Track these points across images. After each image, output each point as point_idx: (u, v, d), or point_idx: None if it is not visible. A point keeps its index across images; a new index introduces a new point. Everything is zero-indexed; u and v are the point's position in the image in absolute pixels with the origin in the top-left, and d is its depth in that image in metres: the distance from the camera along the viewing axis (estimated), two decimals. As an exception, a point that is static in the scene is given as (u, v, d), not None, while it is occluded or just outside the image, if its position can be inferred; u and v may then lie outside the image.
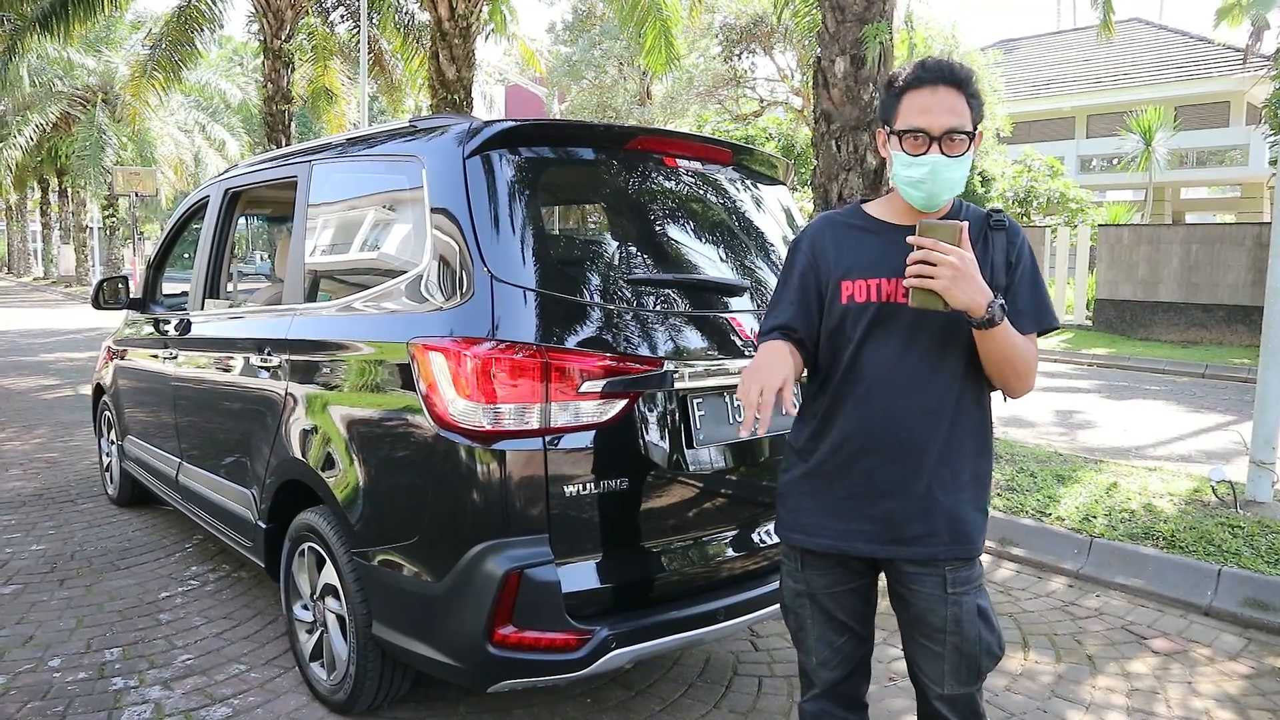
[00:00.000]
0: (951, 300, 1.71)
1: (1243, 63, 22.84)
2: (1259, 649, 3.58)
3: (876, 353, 1.86)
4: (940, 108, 1.78)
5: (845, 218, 1.99)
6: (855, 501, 1.90)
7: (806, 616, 2.03)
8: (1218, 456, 6.88)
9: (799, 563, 2.02)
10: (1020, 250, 1.88)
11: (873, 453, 1.87)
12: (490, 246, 2.44)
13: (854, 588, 2.00)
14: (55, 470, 6.25)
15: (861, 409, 1.88)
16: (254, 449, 3.37)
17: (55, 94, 27.50)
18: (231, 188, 4.07)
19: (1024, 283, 1.88)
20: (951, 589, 1.88)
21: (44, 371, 11.37)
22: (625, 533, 2.51)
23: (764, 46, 19.02)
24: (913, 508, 1.87)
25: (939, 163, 1.78)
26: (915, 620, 1.94)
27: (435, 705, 3.01)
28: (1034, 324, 1.87)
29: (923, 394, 1.85)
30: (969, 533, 1.90)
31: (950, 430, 1.87)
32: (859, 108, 6.25)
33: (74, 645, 3.46)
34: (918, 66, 1.83)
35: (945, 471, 1.87)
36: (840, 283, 1.89)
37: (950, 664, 1.91)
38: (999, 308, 1.72)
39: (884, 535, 1.89)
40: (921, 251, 1.71)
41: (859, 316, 1.87)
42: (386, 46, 17.99)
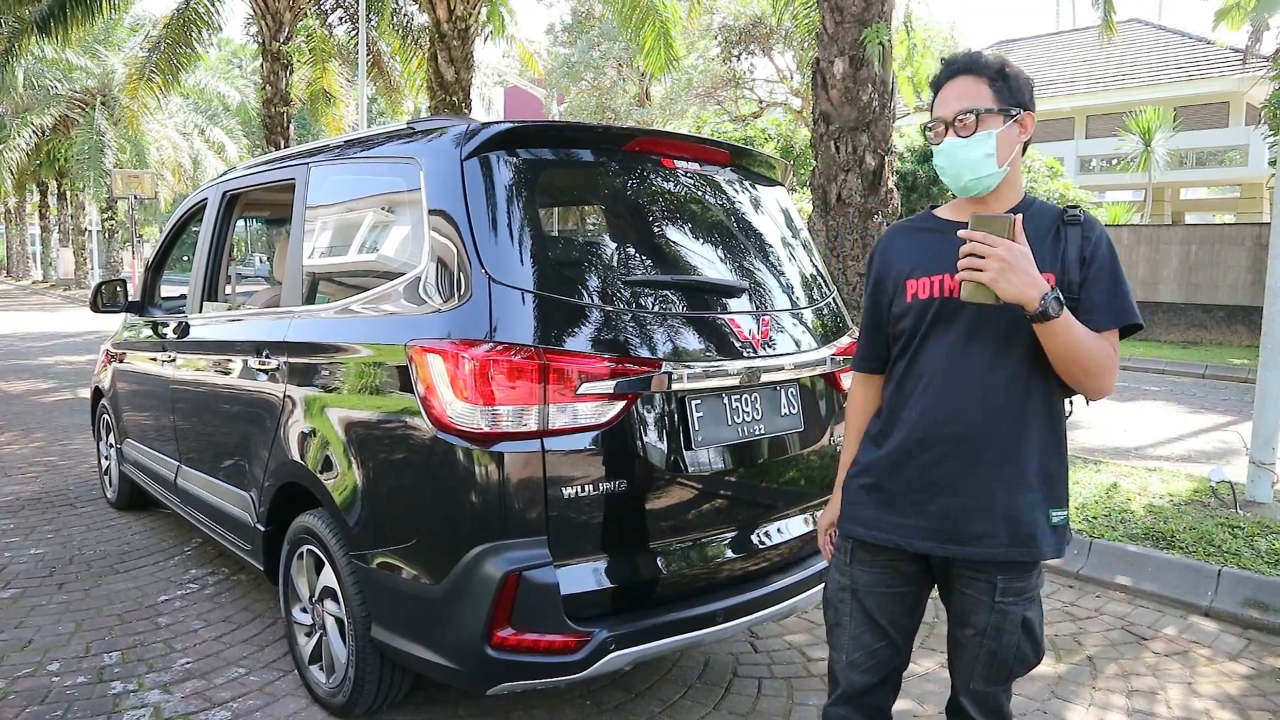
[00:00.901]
0: (1000, 292, 1.70)
1: (1242, 63, 22.83)
2: (1259, 649, 3.57)
3: (938, 348, 1.88)
4: (952, 95, 1.85)
5: (912, 222, 2.05)
6: (913, 496, 1.90)
7: (845, 612, 2.03)
8: (1217, 457, 6.88)
9: (849, 555, 2.03)
10: (1096, 245, 1.84)
11: (932, 448, 1.88)
12: (488, 248, 2.44)
13: (900, 593, 1.99)
14: (54, 474, 6.24)
15: (923, 404, 1.89)
16: (252, 452, 3.36)
17: (54, 97, 27.51)
18: (229, 190, 4.07)
19: (1100, 278, 1.83)
20: (1000, 598, 1.88)
21: (43, 375, 11.36)
22: (624, 534, 2.50)
23: (763, 48, 19.03)
24: (971, 506, 1.85)
25: (953, 144, 1.83)
26: (957, 617, 1.97)
27: (434, 708, 3.01)
28: (1110, 320, 1.82)
29: (984, 390, 1.84)
30: (1030, 535, 1.86)
31: (1014, 428, 1.84)
32: (858, 109, 6.27)
33: (73, 649, 3.46)
34: (942, 64, 1.91)
35: (1008, 470, 1.84)
36: (905, 282, 1.93)
37: (981, 664, 1.94)
38: (1054, 300, 1.70)
39: (940, 533, 1.88)
40: (970, 244, 1.72)
41: (923, 313, 1.89)
42: (385, 48, 18.01)
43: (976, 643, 1.92)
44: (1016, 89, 1.85)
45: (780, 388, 2.87)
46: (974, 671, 1.95)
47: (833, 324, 3.21)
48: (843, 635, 2.04)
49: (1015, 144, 1.85)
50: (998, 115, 1.82)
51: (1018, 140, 1.85)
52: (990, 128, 1.81)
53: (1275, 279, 4.92)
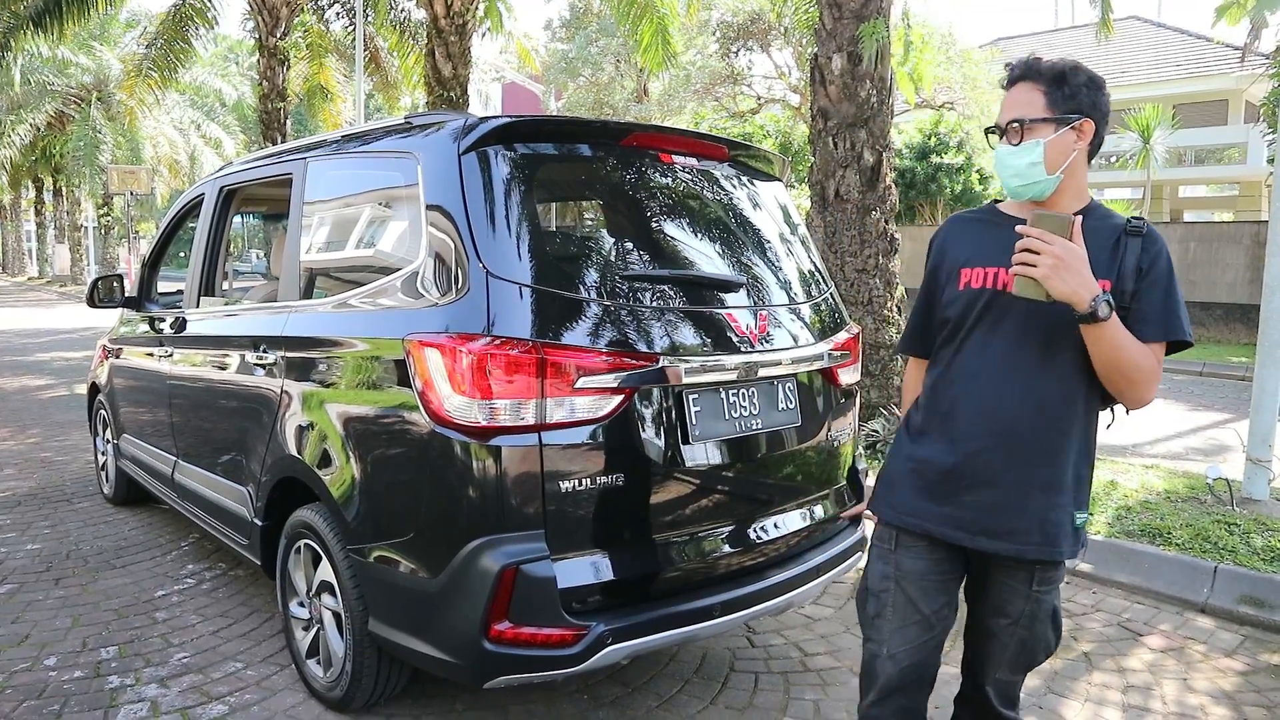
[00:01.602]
0: (1052, 290, 1.73)
1: (1241, 61, 22.82)
2: (1254, 646, 3.58)
3: (986, 342, 1.91)
4: (1009, 103, 1.90)
5: (976, 214, 2.09)
6: (949, 487, 1.93)
7: (888, 603, 2.03)
8: (1214, 454, 6.90)
9: (893, 542, 2.04)
10: (1155, 257, 1.87)
11: (973, 441, 1.90)
12: (486, 242, 2.44)
13: (943, 583, 2.01)
14: (50, 469, 6.23)
15: (967, 395, 1.92)
16: (250, 446, 3.36)
17: (49, 92, 27.42)
18: (226, 185, 4.06)
19: (1155, 290, 1.86)
20: (1036, 587, 1.94)
21: (39, 371, 11.34)
22: (621, 528, 2.50)
23: (761, 44, 19.01)
24: (1006, 501, 1.88)
25: (1003, 152, 1.89)
26: (991, 608, 2.00)
27: (431, 702, 3.01)
28: (1160, 333, 1.85)
29: (1030, 387, 1.86)
30: (1060, 536, 1.90)
31: (1056, 428, 1.87)
32: (856, 104, 6.26)
33: (70, 644, 3.45)
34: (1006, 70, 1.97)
35: (1046, 471, 1.87)
36: (960, 269, 1.96)
37: (1011, 653, 2.00)
38: (1104, 303, 1.73)
39: (974, 525, 1.91)
40: (1026, 240, 1.75)
41: (973, 302, 1.92)
42: (382, 44, 17.97)
43: (1010, 632, 1.97)
44: (1074, 95, 1.86)
45: (778, 383, 2.87)
46: (1003, 661, 2.01)
47: (830, 319, 3.21)
48: (884, 627, 2.04)
49: (1070, 151, 1.86)
50: (1049, 124, 1.85)
51: (1074, 147, 1.86)
52: (1038, 136, 1.85)
53: (1273, 276, 4.92)
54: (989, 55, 19.45)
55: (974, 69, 17.77)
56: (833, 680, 3.23)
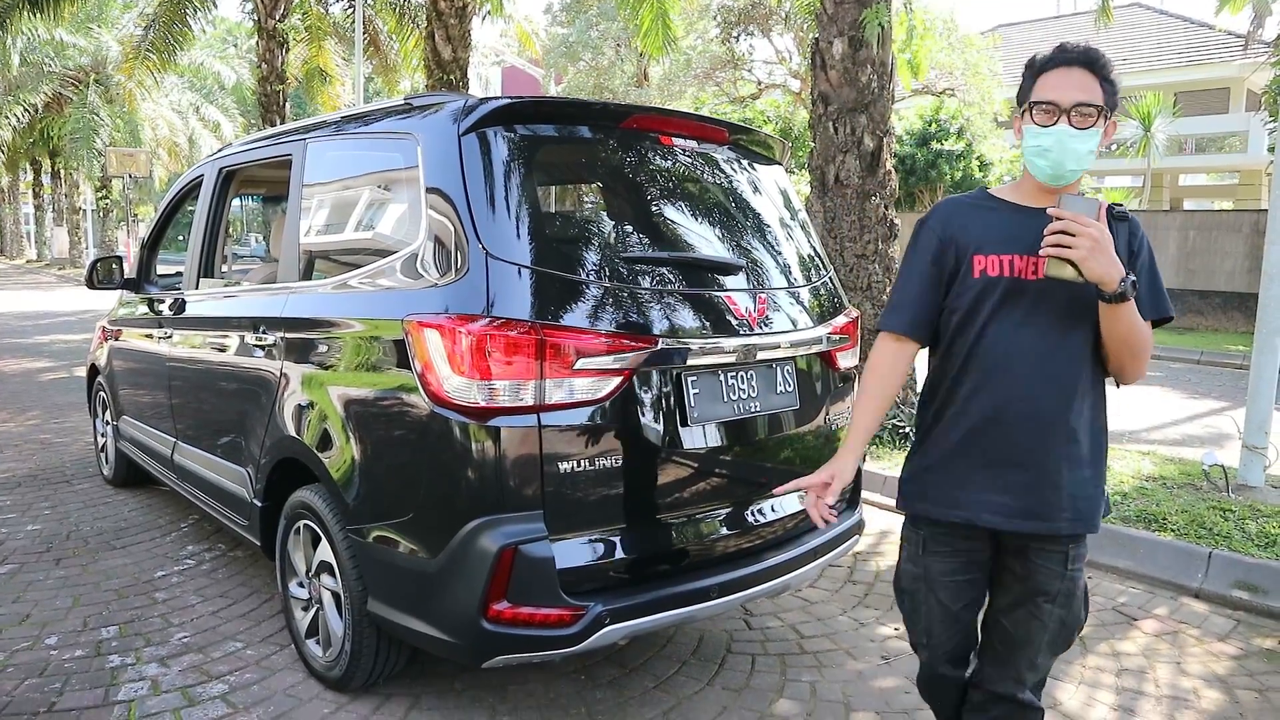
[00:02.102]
0: (1088, 271, 1.78)
1: (1243, 49, 22.73)
2: (1247, 630, 3.61)
3: (1005, 327, 1.94)
4: (1071, 84, 1.88)
5: (971, 199, 2.09)
6: (982, 474, 1.97)
7: (921, 601, 2.12)
8: (1211, 442, 6.91)
9: (920, 547, 2.10)
10: (1141, 241, 1.97)
11: (1001, 426, 1.94)
12: (485, 224, 2.44)
13: (972, 579, 2.07)
14: (50, 451, 6.24)
15: (990, 383, 1.95)
16: (249, 427, 3.37)
17: (47, 74, 27.27)
18: (225, 167, 4.06)
19: (1143, 272, 1.95)
20: (1070, 565, 1.98)
21: (38, 354, 11.34)
22: (620, 509, 2.51)
23: (762, 28, 18.92)
24: (1040, 482, 1.93)
25: (1065, 132, 1.87)
26: (1029, 592, 2.01)
27: (431, 681, 3.03)
28: (1150, 312, 1.95)
29: (1049, 369, 1.92)
30: (1090, 510, 1.97)
31: (1075, 406, 1.93)
32: (856, 90, 6.24)
33: (71, 623, 3.47)
34: (1056, 49, 1.94)
35: (1071, 447, 1.94)
36: (973, 257, 1.96)
37: (1050, 634, 2.03)
38: (1131, 284, 1.80)
39: (1010, 508, 1.95)
40: (1062, 223, 1.79)
41: (990, 291, 1.94)
42: (382, 27, 17.87)
43: (1048, 612, 2.00)
44: (1115, 94, 1.92)
45: (776, 365, 2.88)
46: (1042, 643, 2.03)
47: (829, 303, 3.21)
48: (919, 622, 2.15)
49: (1102, 145, 1.95)
50: (1101, 116, 1.89)
51: (1104, 143, 1.94)
52: (1099, 126, 1.89)
53: (1271, 264, 4.93)
54: (990, 42, 19.36)
55: (975, 55, 17.69)
56: (829, 662, 3.25)
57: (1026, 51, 8.44)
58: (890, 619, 3.62)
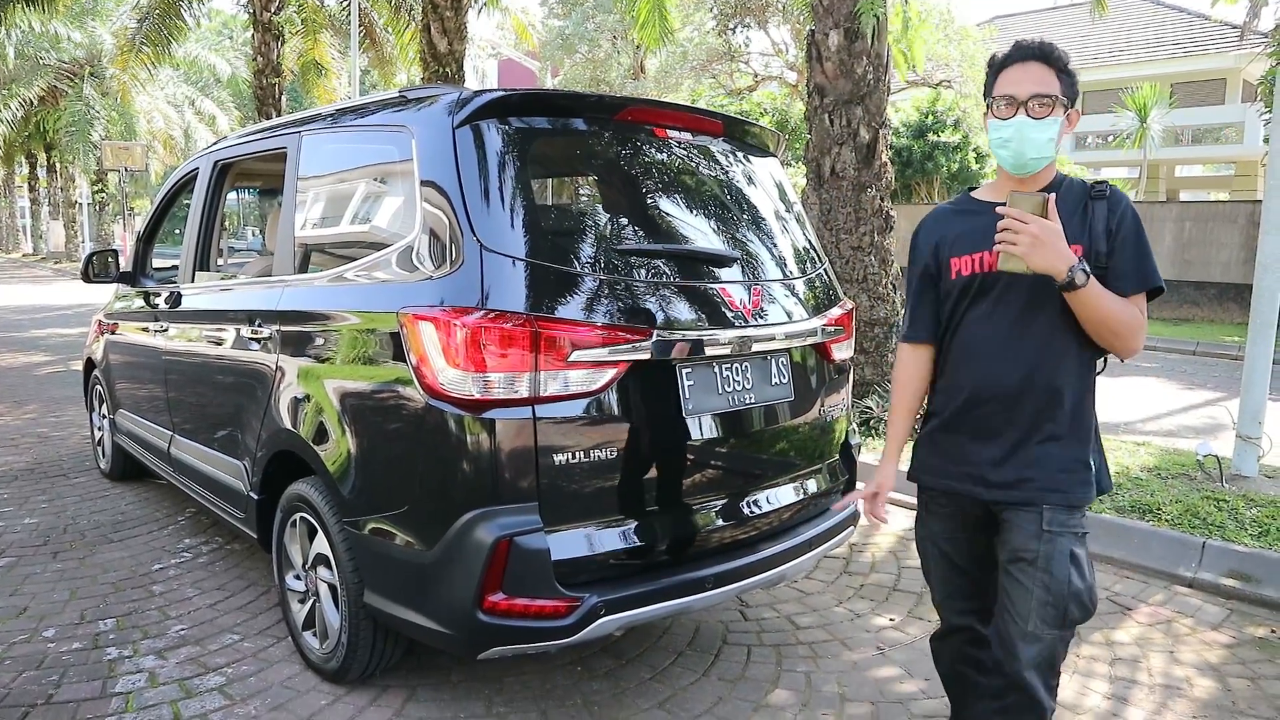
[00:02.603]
0: (1031, 264, 1.91)
1: (1240, 40, 22.72)
2: (1240, 619, 3.63)
3: (978, 316, 2.12)
4: (1028, 78, 2.01)
5: (952, 205, 2.27)
6: (963, 449, 2.17)
7: (932, 557, 2.32)
8: (1206, 432, 6.94)
9: (925, 508, 2.32)
10: (1122, 217, 2.04)
11: (977, 406, 2.13)
12: (480, 216, 2.44)
13: (970, 537, 2.24)
14: (47, 445, 6.24)
15: (968, 367, 2.14)
16: (245, 421, 3.37)
17: (42, 67, 27.17)
18: (221, 160, 4.05)
19: (1126, 246, 2.03)
20: (1046, 527, 2.05)
21: (34, 348, 11.32)
22: (614, 501, 2.52)
23: (758, 20, 18.87)
24: (1010, 455, 2.09)
25: (1024, 123, 2.00)
26: (1010, 555, 2.10)
27: (428, 674, 3.04)
28: (1136, 285, 2.03)
29: (1017, 352, 2.06)
30: (1064, 480, 2.07)
31: (1046, 385, 2.06)
32: (852, 81, 6.23)
33: (68, 616, 3.48)
34: (1014, 46, 2.08)
35: (1044, 423, 2.07)
36: (950, 260, 2.16)
37: (1037, 600, 2.04)
38: (1080, 271, 1.90)
39: (984, 479, 2.13)
40: (1006, 220, 1.93)
41: (966, 287, 2.13)
42: (377, 19, 17.82)
43: (1030, 575, 2.05)
44: (1074, 85, 2.05)
45: (771, 357, 2.89)
46: (1031, 611, 2.05)
47: (824, 295, 3.22)
48: (934, 579, 2.35)
49: (1063, 134, 2.06)
50: (1062, 105, 2.01)
51: (1066, 131, 2.07)
52: (1057, 115, 2.01)
53: (1266, 255, 4.94)
54: (987, 34, 19.33)
55: (971, 47, 17.67)
56: (824, 652, 3.26)
57: None
58: (885, 609, 3.64)
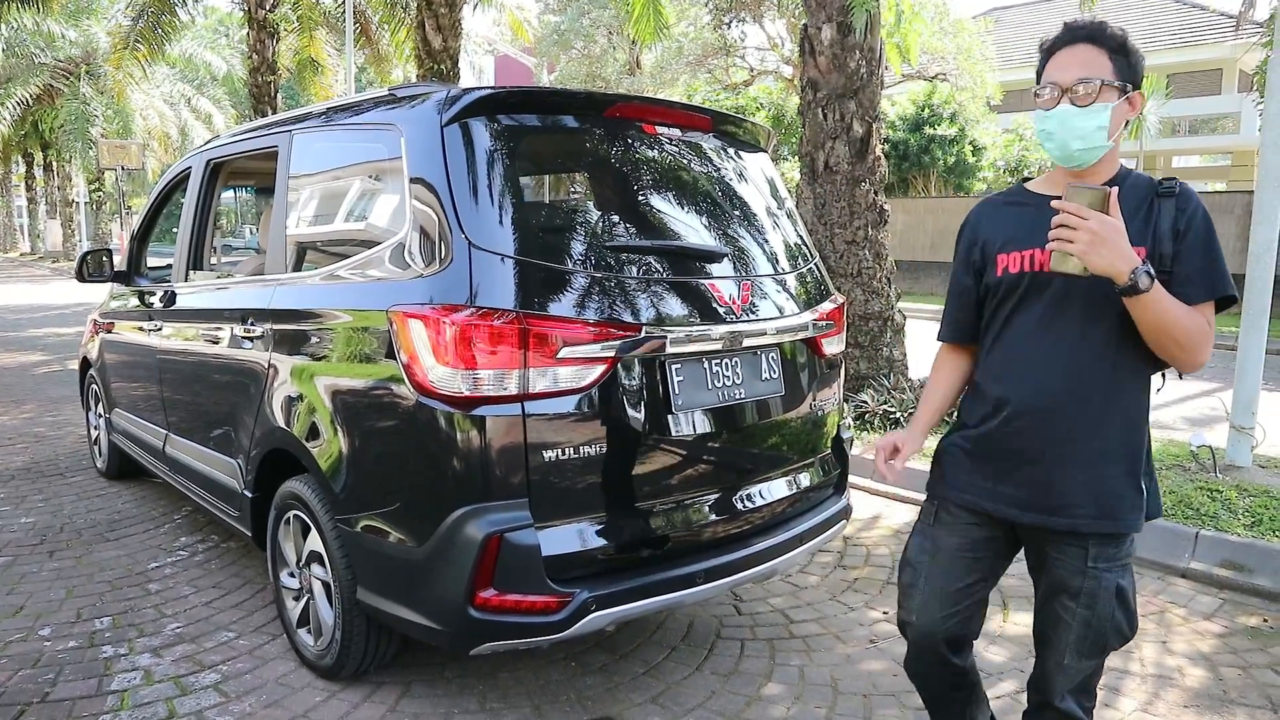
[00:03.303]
0: (1090, 264, 1.71)
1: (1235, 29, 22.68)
2: (1233, 609, 3.64)
3: (1026, 321, 1.91)
4: (1074, 62, 1.83)
5: (1004, 196, 2.07)
6: (1000, 465, 1.95)
7: (922, 574, 2.07)
8: (1202, 423, 6.95)
9: (932, 518, 2.09)
10: (1191, 217, 1.84)
11: (1020, 418, 1.91)
12: (469, 214, 2.45)
13: (977, 558, 2.03)
14: (43, 444, 6.25)
15: (1010, 375, 1.94)
16: (239, 419, 3.38)
17: (37, 66, 27.13)
18: (213, 159, 4.06)
19: (1194, 250, 1.83)
20: (1092, 563, 1.90)
21: (31, 347, 11.33)
22: (605, 497, 2.53)
23: (754, 15, 18.86)
24: (1055, 476, 1.89)
25: (1066, 112, 1.83)
26: (1051, 587, 1.97)
27: (422, 670, 3.05)
28: (1205, 293, 1.82)
29: (1070, 363, 1.87)
30: (1116, 507, 1.88)
31: (1099, 401, 1.87)
32: (845, 75, 6.24)
33: (64, 615, 3.49)
34: (1063, 28, 1.89)
35: (1094, 444, 1.87)
36: (997, 256, 1.96)
37: (1076, 635, 1.93)
38: (1144, 274, 1.70)
39: (1025, 501, 1.92)
40: (1062, 215, 1.73)
41: (1013, 287, 1.93)
42: (373, 16, 17.79)
43: (1071, 611, 1.93)
44: (1134, 66, 1.85)
45: (761, 352, 2.89)
46: (1068, 644, 1.95)
47: (815, 290, 3.22)
48: (916, 597, 2.08)
49: (1123, 120, 1.86)
50: (1115, 89, 1.82)
51: (1126, 117, 1.86)
52: (1107, 100, 1.81)
53: (1258, 245, 4.95)
54: (983, 26, 19.31)
55: (967, 40, 17.65)
56: (818, 646, 3.28)
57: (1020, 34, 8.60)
58: (879, 603, 3.65)
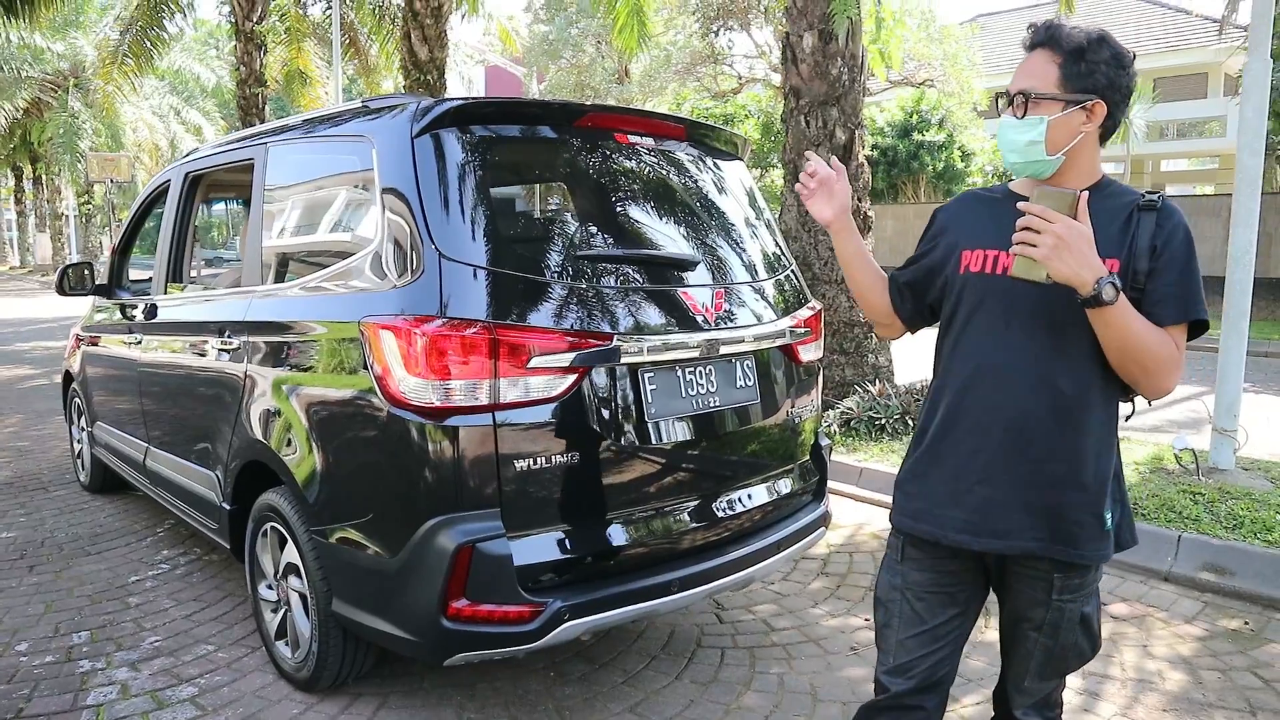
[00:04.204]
0: (1052, 271, 1.59)
1: (1219, 34, 22.84)
2: (1214, 612, 3.65)
3: (987, 329, 1.77)
4: (1021, 70, 1.75)
5: (986, 191, 1.94)
6: (952, 485, 1.80)
7: (895, 613, 1.92)
8: (1188, 427, 6.97)
9: (900, 553, 1.93)
10: (1171, 234, 1.70)
11: (973, 435, 1.77)
12: (439, 225, 2.45)
13: (951, 593, 1.88)
14: (26, 458, 6.22)
15: (967, 388, 1.79)
16: (216, 431, 3.37)
17: (25, 80, 27.09)
18: (191, 171, 4.06)
19: (1170, 269, 1.69)
20: (1057, 595, 1.79)
21: (18, 361, 11.29)
22: (577, 506, 2.53)
23: (741, 23, 18.90)
24: (1011, 499, 1.75)
25: (1004, 124, 1.75)
26: (1014, 613, 1.89)
27: (399, 681, 3.04)
28: (1177, 314, 1.68)
29: (1039, 378, 1.72)
30: (1077, 536, 1.74)
31: (1069, 422, 1.72)
32: (827, 83, 6.26)
33: (42, 630, 3.47)
34: (1027, 29, 1.79)
35: (1059, 466, 1.73)
36: (961, 251, 1.83)
37: (1037, 662, 1.87)
38: (1109, 285, 1.58)
39: (977, 525, 1.77)
40: (1027, 218, 1.61)
41: (971, 289, 1.80)
42: (361, 28, 17.81)
43: (1033, 639, 1.85)
44: (1092, 72, 1.69)
45: (736, 360, 2.90)
46: (1028, 669, 1.89)
47: (791, 297, 3.23)
48: (891, 638, 1.94)
49: (1076, 133, 1.71)
50: (1056, 102, 1.69)
51: (1081, 128, 1.71)
52: (1044, 113, 1.70)
53: (1237, 248, 4.99)
54: (969, 32, 19.41)
55: (954, 46, 17.74)
56: (798, 654, 3.27)
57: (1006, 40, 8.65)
58: (861, 610, 3.65)
